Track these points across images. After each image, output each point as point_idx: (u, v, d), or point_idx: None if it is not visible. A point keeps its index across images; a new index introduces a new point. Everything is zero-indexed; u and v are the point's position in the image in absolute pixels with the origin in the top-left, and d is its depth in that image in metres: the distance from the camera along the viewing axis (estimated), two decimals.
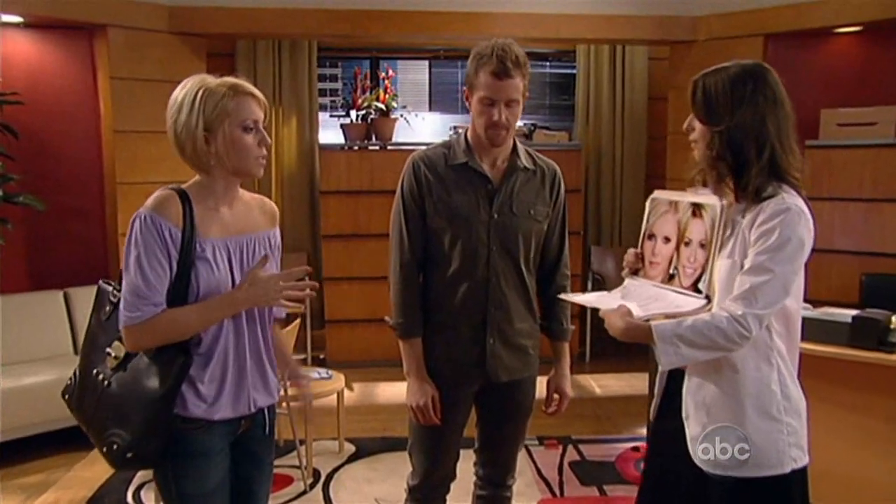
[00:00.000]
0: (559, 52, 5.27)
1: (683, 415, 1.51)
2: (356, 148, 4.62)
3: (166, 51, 3.96)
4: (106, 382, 1.43)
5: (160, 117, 1.51)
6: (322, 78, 5.05)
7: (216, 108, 1.40)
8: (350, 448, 3.37)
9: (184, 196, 1.42)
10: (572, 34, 4.39)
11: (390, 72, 4.77)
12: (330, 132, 4.99)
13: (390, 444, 3.38)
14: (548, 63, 5.37)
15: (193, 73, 1.49)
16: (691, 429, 1.49)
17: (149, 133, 3.83)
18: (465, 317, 1.81)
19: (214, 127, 1.41)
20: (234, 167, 1.44)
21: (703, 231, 1.49)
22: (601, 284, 5.11)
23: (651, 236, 1.62)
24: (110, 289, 1.48)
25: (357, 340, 4.59)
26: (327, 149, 4.64)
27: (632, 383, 4.42)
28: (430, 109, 5.11)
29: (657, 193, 1.65)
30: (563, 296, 1.84)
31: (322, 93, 5.05)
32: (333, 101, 5.09)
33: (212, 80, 1.44)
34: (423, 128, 4.92)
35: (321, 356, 4.72)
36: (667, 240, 1.58)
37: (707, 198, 1.51)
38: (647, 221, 1.62)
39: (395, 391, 4.18)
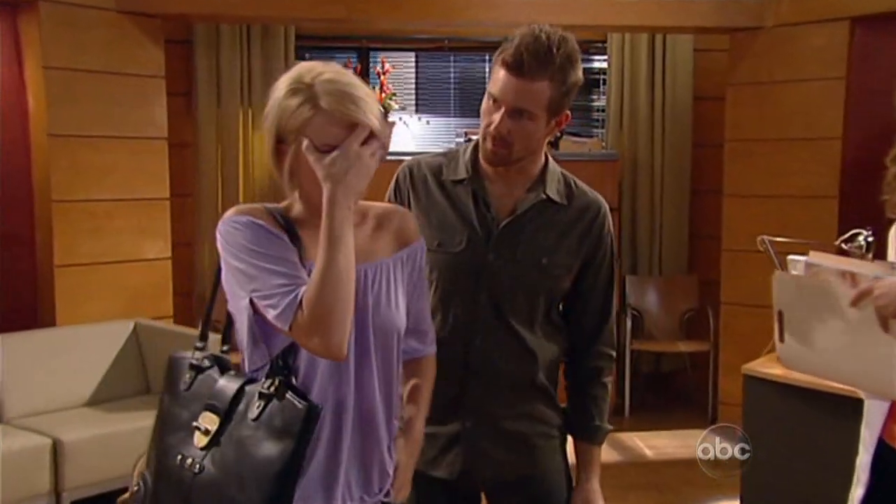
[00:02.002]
0: (586, 43, 5.15)
1: None
2: None
3: (114, 34, 3.80)
4: (197, 467, 1.31)
5: (106, 117, 1.24)
6: None
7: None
8: None
9: (277, 214, 1.35)
10: (607, 21, 4.28)
11: (386, 65, 4.69)
12: None
13: None
14: None
15: (147, 63, 1.33)
16: None
17: (93, 138, 3.67)
18: (438, 393, 1.57)
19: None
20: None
21: None
22: (640, 321, 4.91)
23: None
24: (189, 354, 1.39)
25: None
26: None
27: (686, 442, 4.26)
28: (417, 111, 5.00)
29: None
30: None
31: None
32: None
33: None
34: (404, 134, 4.85)
35: None
36: None
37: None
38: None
39: None
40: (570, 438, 1.74)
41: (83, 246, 3.77)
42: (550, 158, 1.71)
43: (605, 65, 5.11)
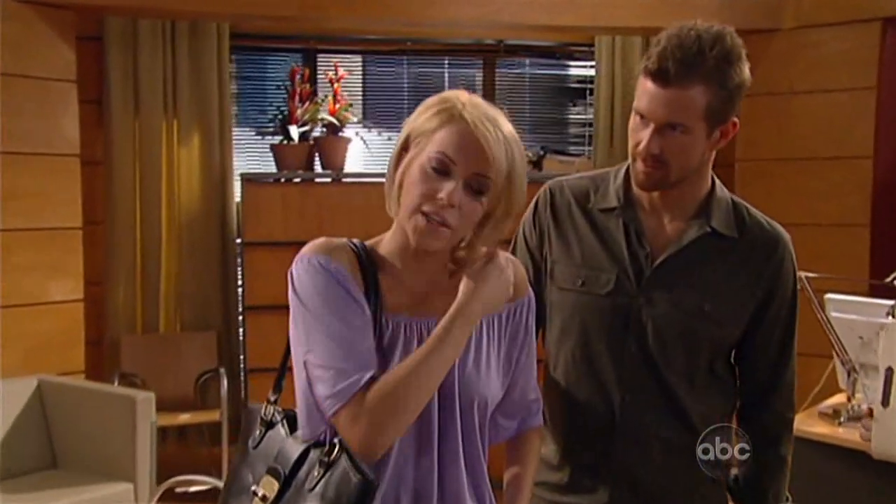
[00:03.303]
0: (569, 46, 5.23)
1: None
2: (296, 180, 4.53)
3: (14, 28, 3.72)
4: None
5: (4, 129, 1.20)
6: (240, 77, 4.89)
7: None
8: None
9: (362, 253, 1.41)
10: (594, 22, 4.35)
11: (339, 70, 4.65)
12: (253, 157, 4.91)
13: None
14: (556, 61, 5.31)
15: (56, 63, 1.31)
16: None
17: None
18: (576, 456, 1.68)
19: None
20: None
21: None
22: None
23: None
24: (261, 407, 1.47)
25: None
26: (252, 181, 4.52)
27: None
28: (364, 120, 5.01)
29: None
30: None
31: (240, 99, 4.91)
32: (257, 112, 4.92)
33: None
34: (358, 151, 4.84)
35: None
36: None
37: None
38: None
39: None
40: None
41: None
42: (718, 182, 1.70)
43: (591, 72, 5.13)
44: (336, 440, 1.31)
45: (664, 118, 1.54)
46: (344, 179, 4.57)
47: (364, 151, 4.78)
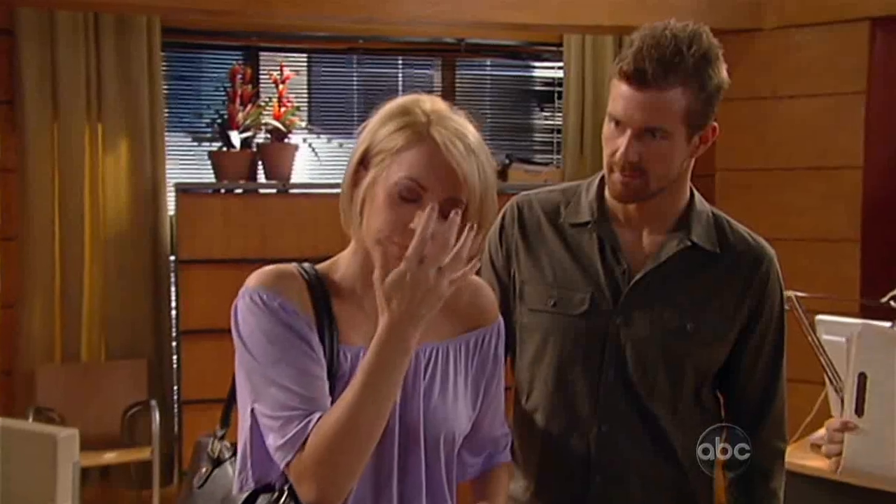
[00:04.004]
0: (535, 45, 5.27)
1: None
2: (237, 191, 4.52)
3: None
4: None
5: None
6: (173, 77, 4.84)
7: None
8: None
9: (313, 279, 1.41)
10: (562, 19, 4.37)
11: (284, 71, 4.65)
12: (189, 165, 4.85)
13: None
14: (521, 62, 5.34)
15: None
16: None
17: None
18: (548, 494, 1.70)
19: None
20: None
21: None
22: None
23: None
24: (209, 441, 1.50)
25: None
26: (188, 192, 4.50)
27: None
28: (311, 125, 5.01)
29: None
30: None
31: (174, 101, 4.85)
32: (192, 116, 4.89)
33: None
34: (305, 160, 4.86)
35: None
36: None
37: None
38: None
39: None
40: None
41: None
42: (697, 194, 1.73)
43: (560, 74, 5.17)
44: (286, 487, 1.32)
45: (642, 122, 1.56)
46: (290, 190, 4.56)
47: (312, 159, 4.81)
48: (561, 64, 5.15)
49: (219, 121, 4.53)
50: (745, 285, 1.69)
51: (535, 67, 5.33)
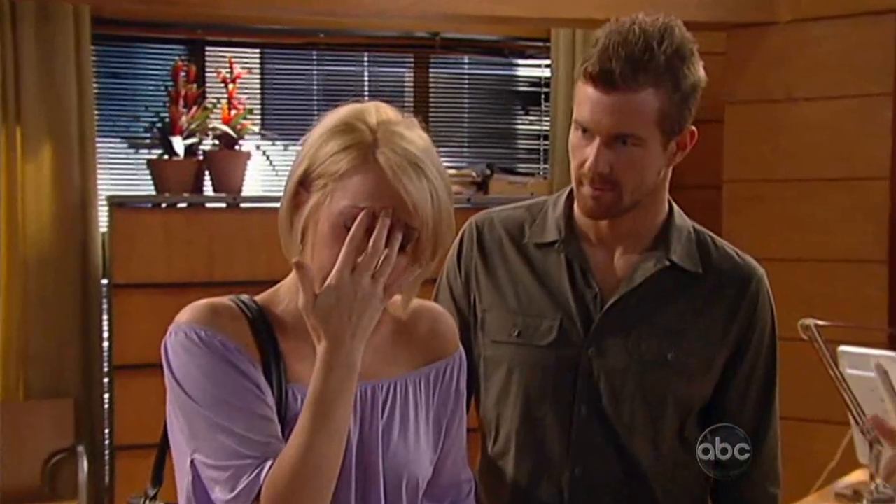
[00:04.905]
0: (519, 41, 5.32)
1: None
2: (181, 205, 4.52)
3: None
4: None
5: None
6: (105, 74, 4.82)
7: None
8: None
9: (255, 313, 1.44)
10: (550, 12, 4.40)
11: (235, 69, 4.66)
12: (124, 175, 4.87)
13: None
14: (503, 59, 5.37)
15: None
16: None
17: None
18: None
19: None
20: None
21: None
22: None
23: None
24: (139, 502, 1.53)
25: None
26: (123, 206, 4.48)
27: None
28: (265, 130, 5.04)
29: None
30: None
31: (107, 102, 4.84)
32: (128, 119, 4.88)
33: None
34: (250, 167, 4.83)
35: None
36: None
37: None
38: None
39: None
40: None
41: None
42: (677, 208, 1.78)
43: (547, 73, 5.23)
44: None
45: (612, 129, 1.61)
46: (242, 204, 4.55)
47: (266, 169, 4.81)
48: (548, 62, 5.21)
49: (159, 125, 4.51)
50: (732, 308, 1.74)
51: (519, 66, 5.39)
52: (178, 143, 4.43)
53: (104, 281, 4.46)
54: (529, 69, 5.36)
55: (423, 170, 1.36)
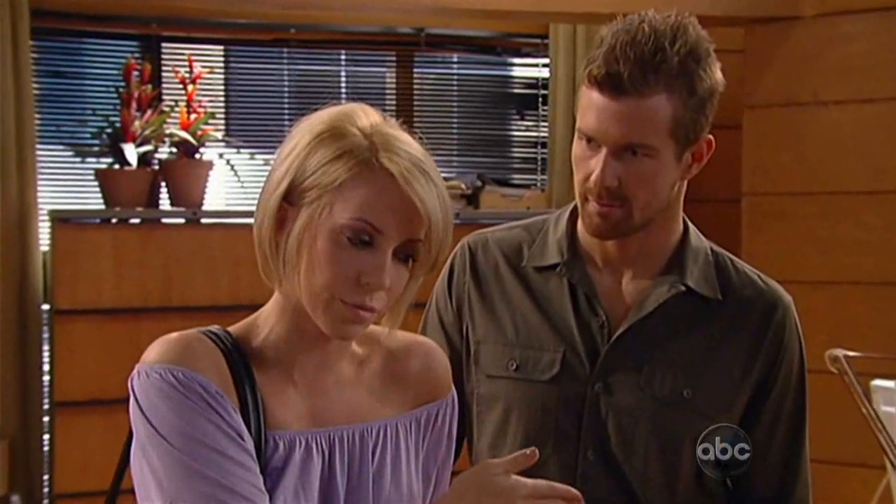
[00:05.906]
0: (514, 38, 5.37)
1: None
2: (134, 221, 4.55)
3: None
4: None
5: None
6: (46, 73, 4.85)
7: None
8: None
9: (230, 348, 1.42)
10: (548, 6, 4.44)
11: (195, 68, 4.67)
12: (69, 187, 4.90)
13: None
14: (496, 58, 5.41)
15: None
16: None
17: None
18: None
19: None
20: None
21: None
22: None
23: None
24: None
25: None
26: (67, 221, 4.51)
27: None
28: (229, 136, 5.07)
29: None
30: None
31: (48, 105, 4.86)
32: (73, 124, 4.88)
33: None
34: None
35: None
36: None
37: None
38: None
39: None
40: None
41: None
42: (692, 226, 1.79)
43: (545, 73, 5.28)
44: None
45: (620, 138, 1.62)
46: (202, 220, 4.57)
47: (230, 180, 4.84)
48: (546, 61, 5.25)
49: (108, 130, 4.52)
50: (756, 340, 1.75)
51: (513, 65, 5.45)
52: (131, 151, 4.43)
53: (45, 306, 4.45)
54: (525, 69, 5.40)
55: (430, 175, 1.37)
